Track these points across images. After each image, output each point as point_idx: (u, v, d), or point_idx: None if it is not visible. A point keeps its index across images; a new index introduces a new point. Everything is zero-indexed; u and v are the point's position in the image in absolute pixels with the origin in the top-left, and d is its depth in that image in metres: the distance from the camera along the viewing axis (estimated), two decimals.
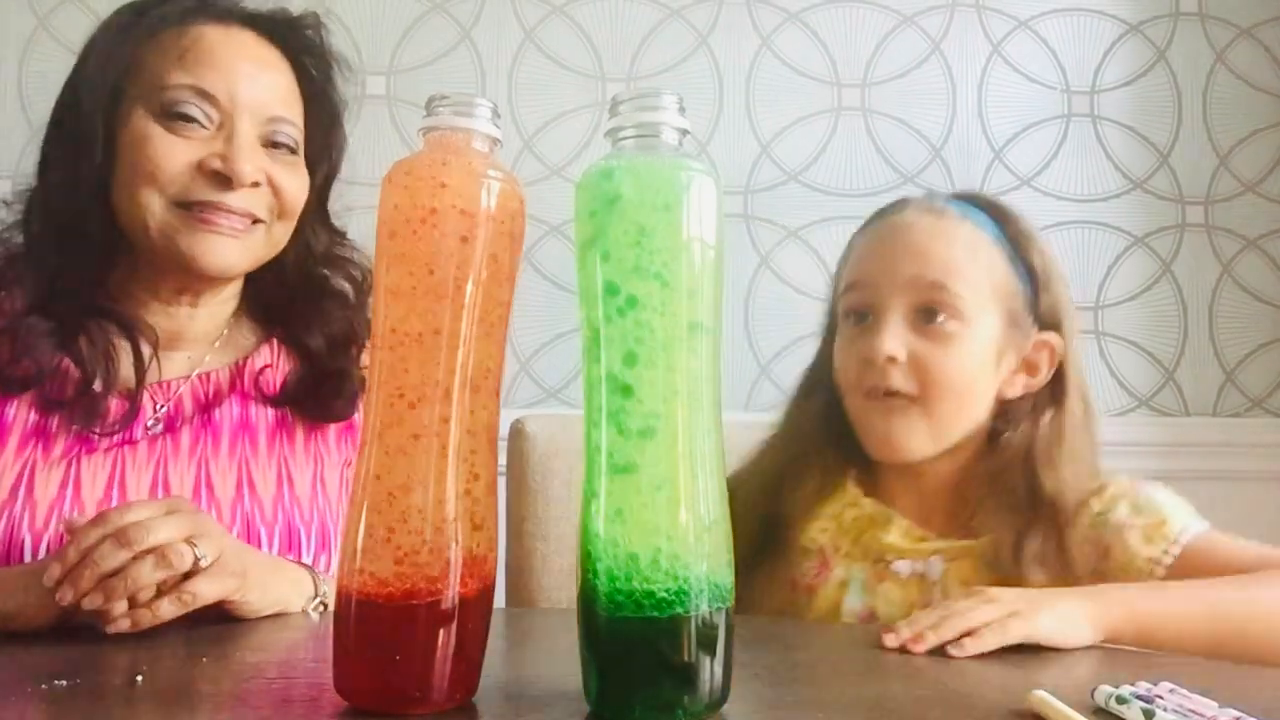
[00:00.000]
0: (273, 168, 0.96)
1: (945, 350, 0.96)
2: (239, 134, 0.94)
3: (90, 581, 0.73)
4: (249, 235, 0.96)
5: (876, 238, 1.03)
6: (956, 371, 0.96)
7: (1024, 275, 1.00)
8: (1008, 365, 0.99)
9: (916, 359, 0.96)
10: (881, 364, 0.96)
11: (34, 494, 0.89)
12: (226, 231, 0.94)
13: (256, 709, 0.60)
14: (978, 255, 0.99)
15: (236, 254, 0.96)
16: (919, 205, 1.03)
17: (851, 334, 1.01)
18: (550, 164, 1.77)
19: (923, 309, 0.97)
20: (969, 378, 0.97)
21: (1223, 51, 1.90)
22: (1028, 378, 1.00)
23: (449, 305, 0.58)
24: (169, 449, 0.95)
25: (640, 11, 1.81)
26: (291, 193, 0.98)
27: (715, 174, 0.59)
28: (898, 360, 0.96)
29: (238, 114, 0.94)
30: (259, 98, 0.95)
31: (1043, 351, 1.00)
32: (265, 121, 0.96)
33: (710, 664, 0.56)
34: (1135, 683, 0.62)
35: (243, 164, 0.92)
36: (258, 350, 1.04)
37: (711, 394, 0.58)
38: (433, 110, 0.60)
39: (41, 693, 0.61)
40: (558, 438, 1.34)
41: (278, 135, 0.97)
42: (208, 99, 0.93)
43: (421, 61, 1.77)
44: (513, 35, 1.79)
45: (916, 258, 0.98)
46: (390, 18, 1.77)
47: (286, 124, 0.98)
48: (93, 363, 0.93)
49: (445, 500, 0.57)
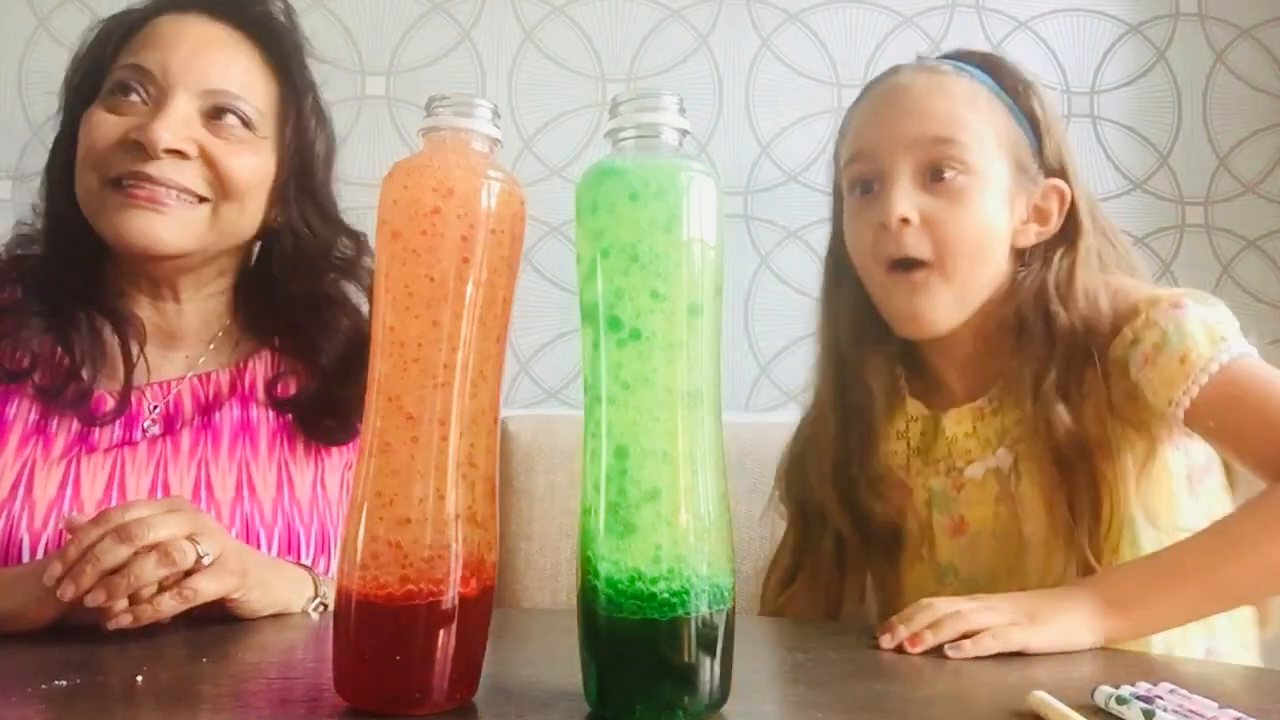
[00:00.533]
0: (210, 141, 0.93)
1: (957, 206, 0.94)
2: (169, 105, 0.92)
3: (92, 578, 0.73)
4: (183, 211, 0.93)
5: (873, 105, 1.01)
6: (970, 227, 0.95)
7: (1025, 123, 0.99)
8: (1019, 215, 0.97)
9: (929, 219, 0.94)
10: (895, 228, 0.94)
11: (33, 493, 0.89)
12: (146, 204, 0.91)
13: (257, 709, 0.60)
14: (978, 107, 0.97)
15: (166, 229, 0.92)
16: (913, 67, 1.01)
17: (859, 205, 0.99)
18: (550, 164, 1.77)
19: (930, 167, 0.95)
20: (983, 232, 0.95)
21: (1223, 52, 1.90)
22: (1039, 226, 0.98)
23: (449, 306, 0.58)
24: (169, 450, 0.95)
25: (640, 12, 1.81)
26: (233, 170, 0.94)
27: (715, 174, 0.59)
28: (911, 221, 0.94)
29: (173, 88, 0.93)
30: (199, 71, 0.94)
31: (1052, 197, 0.98)
32: (205, 94, 0.94)
33: (710, 665, 0.56)
34: (1135, 683, 0.62)
35: (160, 131, 0.90)
36: (258, 355, 1.03)
37: (711, 394, 0.58)
38: (433, 111, 0.60)
39: (41, 693, 0.61)
40: (540, 438, 1.36)
41: (223, 107, 0.94)
42: (144, 74, 0.94)
43: (421, 62, 1.77)
44: (513, 36, 1.79)
45: (917, 116, 0.96)
46: (390, 18, 1.77)
47: (234, 98, 0.95)
48: (82, 351, 0.94)
49: (445, 501, 0.57)
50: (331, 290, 1.04)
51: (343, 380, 1.00)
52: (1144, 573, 0.84)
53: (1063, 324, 0.93)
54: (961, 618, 0.76)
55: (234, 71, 0.96)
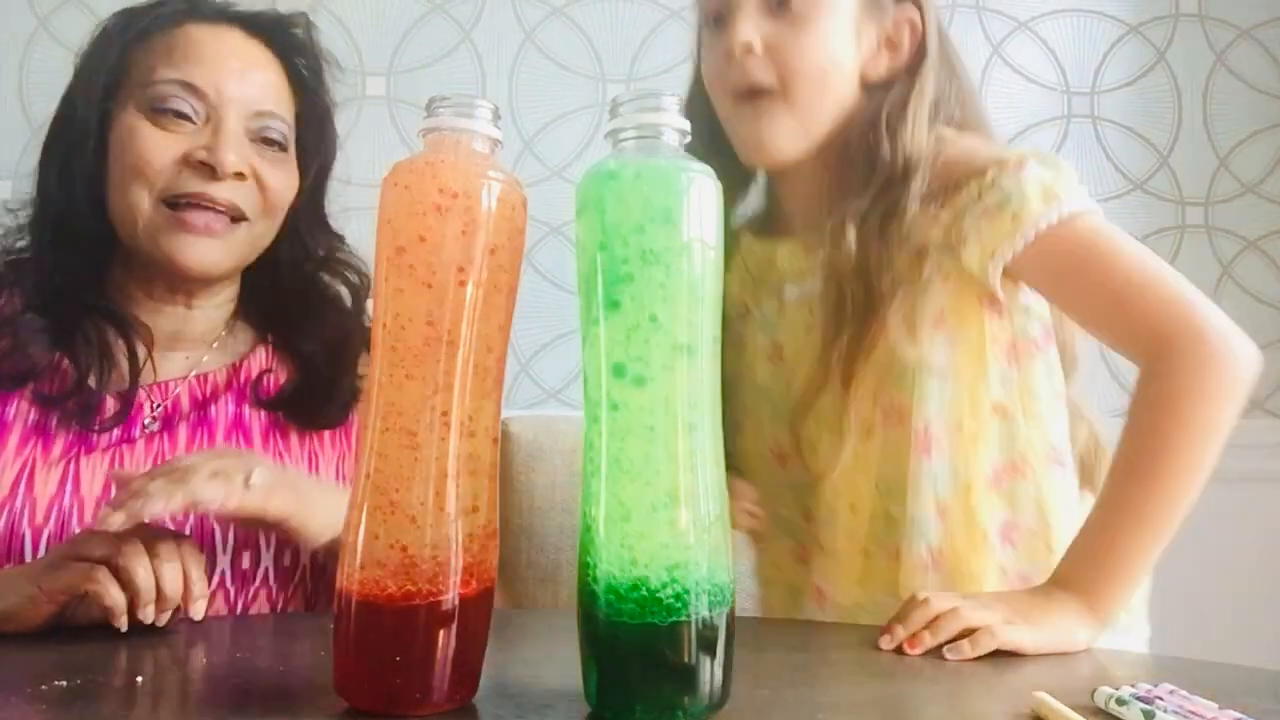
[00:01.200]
0: (259, 162, 0.96)
1: (800, 32, 0.94)
2: (225, 126, 0.94)
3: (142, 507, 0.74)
4: (230, 235, 0.95)
5: None
6: (814, 54, 0.94)
7: None
8: (869, 45, 0.96)
9: (772, 46, 0.93)
10: (740, 55, 0.94)
11: (34, 491, 0.90)
12: (205, 232, 0.93)
13: (257, 710, 0.60)
14: None
15: (218, 254, 0.95)
16: None
17: (710, 38, 0.99)
18: (551, 165, 1.77)
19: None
20: (827, 60, 0.94)
21: (1223, 53, 1.90)
22: (890, 57, 0.97)
23: (449, 307, 0.58)
24: (166, 446, 0.95)
25: (640, 12, 1.81)
26: (278, 188, 0.97)
27: (715, 176, 0.59)
28: (754, 49, 0.93)
29: (224, 108, 0.94)
30: (246, 93, 0.96)
31: (904, 27, 0.97)
32: (252, 116, 0.96)
33: (710, 665, 0.56)
34: (1135, 683, 0.62)
35: (227, 153, 0.92)
36: (253, 353, 1.04)
37: (711, 395, 0.58)
38: (433, 111, 0.60)
39: (41, 693, 0.61)
40: (541, 438, 1.36)
41: (266, 130, 0.97)
42: (195, 93, 0.94)
43: (422, 62, 1.77)
44: (513, 36, 1.79)
45: None
46: (390, 19, 1.77)
47: (275, 119, 0.97)
48: (88, 360, 0.94)
49: (446, 501, 0.57)
50: (317, 284, 1.06)
51: (329, 366, 1.02)
52: (1095, 545, 0.83)
53: (884, 156, 0.92)
54: (958, 616, 0.76)
55: (273, 92, 0.99)
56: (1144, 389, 0.86)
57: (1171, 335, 0.84)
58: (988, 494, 0.93)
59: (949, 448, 0.93)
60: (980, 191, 0.90)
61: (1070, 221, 0.88)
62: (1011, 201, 0.88)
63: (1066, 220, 0.88)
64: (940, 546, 0.92)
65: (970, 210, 0.90)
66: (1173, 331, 0.84)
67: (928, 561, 0.92)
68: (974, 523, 0.92)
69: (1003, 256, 0.89)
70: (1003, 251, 0.89)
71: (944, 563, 0.92)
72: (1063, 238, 0.88)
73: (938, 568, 0.92)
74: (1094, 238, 0.89)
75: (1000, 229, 0.88)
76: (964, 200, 0.91)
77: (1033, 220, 0.88)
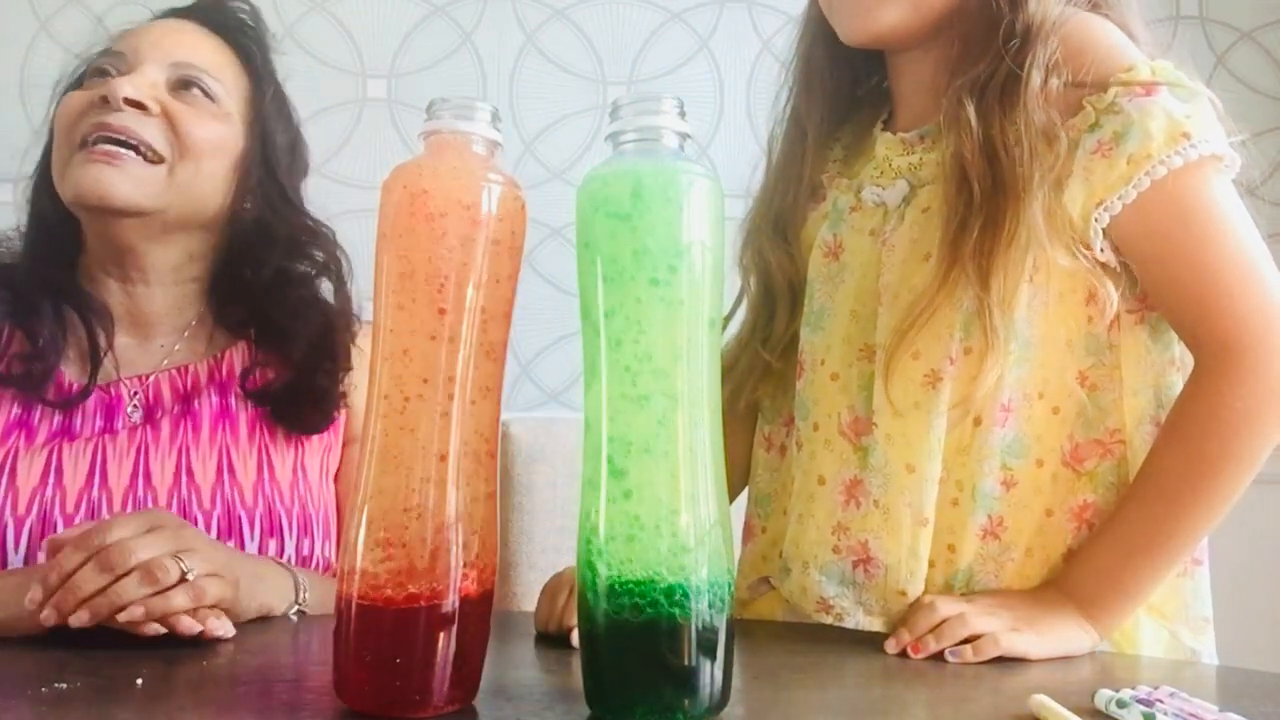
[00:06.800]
0: (172, 103, 0.96)
1: None
2: (136, 71, 0.96)
3: (73, 604, 0.73)
4: (137, 167, 0.94)
5: None
6: None
7: None
8: None
9: None
10: None
11: (16, 481, 0.91)
12: (101, 159, 0.93)
13: (256, 712, 0.61)
14: None
15: (119, 182, 0.93)
16: None
17: None
18: (551, 167, 1.77)
19: None
20: None
21: (1223, 55, 1.90)
22: None
23: (450, 309, 0.58)
24: (149, 437, 0.96)
25: (641, 15, 1.81)
26: (196, 134, 0.97)
27: (716, 177, 0.59)
28: None
29: (142, 61, 0.97)
30: (167, 47, 0.99)
31: None
32: (172, 66, 0.98)
33: (711, 667, 0.57)
34: (1135, 686, 0.62)
35: (121, 84, 0.94)
36: (234, 347, 1.04)
37: (712, 396, 0.58)
38: (434, 114, 0.60)
39: (41, 695, 0.62)
40: (541, 440, 1.37)
41: (185, 77, 0.98)
42: (115, 56, 0.98)
43: (422, 65, 1.77)
44: (514, 39, 1.79)
45: None
46: (391, 21, 1.77)
47: (200, 71, 0.99)
48: (44, 336, 0.96)
49: (445, 503, 0.57)
50: (300, 281, 1.06)
51: (314, 370, 1.02)
52: (1107, 560, 0.80)
53: (1004, 19, 0.80)
54: (963, 622, 0.76)
55: (201, 51, 1.01)
56: (1195, 400, 0.79)
57: (1244, 350, 0.76)
58: (1063, 471, 0.83)
59: (1023, 416, 0.82)
60: (1097, 116, 0.78)
61: (1190, 172, 0.76)
62: (1130, 136, 0.76)
63: (1188, 169, 0.76)
64: (1001, 517, 0.82)
65: (1083, 142, 0.78)
66: (1246, 346, 0.76)
67: (986, 528, 0.82)
68: (1041, 500, 0.83)
69: (1110, 209, 0.77)
70: (1110, 203, 0.77)
71: (1003, 534, 0.83)
72: (1172, 190, 0.76)
73: (996, 537, 0.83)
74: (1206, 201, 0.77)
75: (1112, 174, 0.77)
76: (1078, 125, 0.79)
77: (1150, 165, 0.75)
